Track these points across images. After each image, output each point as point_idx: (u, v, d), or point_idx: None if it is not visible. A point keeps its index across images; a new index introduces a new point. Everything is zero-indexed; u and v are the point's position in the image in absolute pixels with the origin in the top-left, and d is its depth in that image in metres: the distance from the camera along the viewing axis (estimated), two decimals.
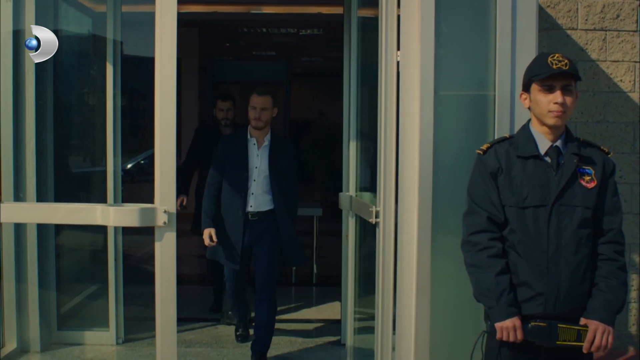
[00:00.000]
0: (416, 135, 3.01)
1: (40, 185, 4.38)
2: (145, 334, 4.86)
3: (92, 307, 5.04)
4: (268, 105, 4.26)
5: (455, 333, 2.97)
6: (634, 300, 4.89)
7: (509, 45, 3.01)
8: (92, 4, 5.12)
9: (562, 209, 2.41)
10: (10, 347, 4.27)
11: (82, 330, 4.79)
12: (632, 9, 4.78)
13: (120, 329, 4.76)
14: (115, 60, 4.80)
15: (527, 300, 2.41)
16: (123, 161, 5.19)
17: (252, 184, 4.27)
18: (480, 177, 2.53)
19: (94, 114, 5.00)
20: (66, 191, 4.90)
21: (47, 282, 4.59)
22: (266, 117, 4.27)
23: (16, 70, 4.18)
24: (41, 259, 4.47)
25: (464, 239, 2.54)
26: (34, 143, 4.27)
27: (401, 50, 3.01)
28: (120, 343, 4.75)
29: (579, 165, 2.46)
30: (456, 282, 2.86)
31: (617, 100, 4.85)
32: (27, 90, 4.28)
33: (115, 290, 4.69)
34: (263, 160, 4.29)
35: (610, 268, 2.44)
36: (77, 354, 4.58)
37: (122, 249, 4.84)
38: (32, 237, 4.35)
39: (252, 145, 4.33)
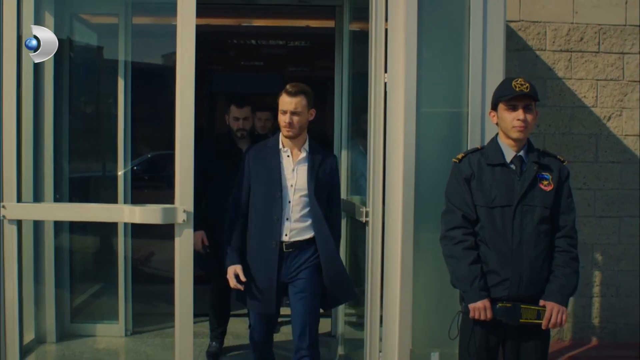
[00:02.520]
0: (400, 146, 3.37)
1: (57, 187, 4.69)
2: (150, 327, 5.19)
3: (102, 302, 5.32)
4: (301, 107, 3.38)
5: (434, 314, 3.35)
6: (596, 295, 5.29)
7: (480, 69, 3.39)
8: (103, 16, 5.37)
9: (524, 208, 2.84)
10: (29, 337, 4.56)
11: (93, 323, 5.09)
12: (594, 32, 5.20)
13: (128, 321, 5.07)
14: (126, 70, 5.06)
15: (495, 285, 2.84)
16: (115, 167, 5.48)
17: (287, 207, 3.39)
18: (456, 181, 2.95)
19: (106, 122, 5.28)
20: (78, 192, 5.22)
21: (61, 279, 4.89)
22: (300, 123, 3.39)
23: (36, 81, 4.42)
24: (57, 258, 4.78)
25: (442, 234, 2.95)
26: (52, 148, 4.56)
27: (388, 72, 3.39)
28: (128, 335, 5.06)
29: (538, 172, 2.88)
30: (435, 271, 3.23)
31: (581, 114, 5.25)
32: (46, 98, 4.53)
33: (124, 286, 5.01)
34: (300, 177, 3.42)
35: (565, 258, 2.87)
36: (89, 345, 4.89)
37: (131, 250, 5.17)
38: (50, 238, 4.67)
39: (285, 157, 3.45)
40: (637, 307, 5.37)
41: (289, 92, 3.38)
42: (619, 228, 5.33)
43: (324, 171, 3.47)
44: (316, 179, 3.41)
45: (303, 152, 3.45)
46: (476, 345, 2.90)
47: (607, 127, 5.30)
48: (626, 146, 5.33)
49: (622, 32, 5.26)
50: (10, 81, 3.29)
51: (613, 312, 5.37)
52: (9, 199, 3.27)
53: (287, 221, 3.37)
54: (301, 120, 3.38)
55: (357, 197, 4.41)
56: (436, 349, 3.42)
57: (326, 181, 3.47)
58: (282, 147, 3.45)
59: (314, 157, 3.46)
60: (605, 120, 5.29)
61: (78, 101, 5.23)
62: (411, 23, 3.29)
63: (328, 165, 3.50)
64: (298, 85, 3.42)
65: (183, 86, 3.32)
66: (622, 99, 5.30)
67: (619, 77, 5.30)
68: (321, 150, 3.55)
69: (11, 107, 3.29)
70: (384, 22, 3.41)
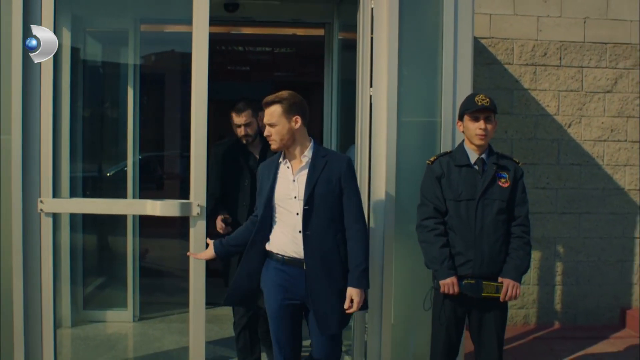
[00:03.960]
0: (383, 150, 3.78)
1: (72, 183, 5.03)
2: (155, 313, 5.59)
3: (112, 291, 5.73)
4: (276, 117, 3.11)
5: (411, 290, 3.75)
6: (558, 284, 5.76)
7: (451, 83, 3.81)
8: (113, 25, 5.69)
9: (485, 201, 3.33)
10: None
11: (104, 310, 5.48)
12: (556, 48, 5.68)
13: (136, 308, 5.46)
14: (135, 75, 5.41)
15: (461, 265, 3.32)
16: (106, 167, 5.81)
17: (295, 219, 3.13)
18: (429, 180, 3.44)
19: (115, 124, 5.66)
20: (91, 188, 5.63)
21: (75, 271, 5.27)
22: (280, 134, 3.12)
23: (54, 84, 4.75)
24: (72, 252, 5.12)
25: (417, 223, 3.44)
26: (68, 149, 4.84)
27: (373, 87, 3.81)
28: (136, 320, 5.44)
29: (497, 171, 3.37)
30: (412, 255, 3.63)
31: (544, 121, 5.72)
32: (63, 100, 4.80)
33: (132, 277, 5.42)
34: (301, 186, 3.13)
35: (519, 243, 3.37)
36: (101, 329, 5.29)
37: (139, 246, 5.58)
38: (66, 234, 5.02)
39: (285, 169, 3.20)
40: (594, 294, 5.82)
41: (263, 104, 3.19)
42: (578, 223, 5.78)
43: (328, 178, 3.11)
44: (313, 187, 3.09)
45: (304, 160, 3.16)
46: (446, 315, 3.39)
47: (567, 133, 5.75)
48: (585, 150, 5.78)
49: (581, 48, 5.73)
50: (47, 90, 3.67)
51: (573, 299, 5.81)
52: (45, 195, 3.68)
53: (299, 234, 3.11)
54: (280, 131, 3.11)
55: None
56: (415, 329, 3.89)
57: (331, 189, 3.12)
58: (283, 159, 3.22)
59: (316, 163, 3.14)
60: (566, 127, 5.75)
61: (91, 106, 5.61)
62: (392, 45, 3.74)
63: (335, 169, 3.14)
64: (274, 95, 3.17)
65: (197, 92, 3.67)
66: (581, 107, 5.75)
67: (578, 88, 5.74)
68: (327, 154, 3.21)
69: (48, 113, 3.68)
70: (370, 44, 3.83)
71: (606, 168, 5.83)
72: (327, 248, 3.12)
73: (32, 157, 3.69)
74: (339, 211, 3.17)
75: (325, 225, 3.12)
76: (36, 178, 3.70)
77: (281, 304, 3.19)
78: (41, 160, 3.70)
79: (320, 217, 3.11)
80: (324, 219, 3.12)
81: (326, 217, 3.12)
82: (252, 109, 4.08)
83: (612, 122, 5.82)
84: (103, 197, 5.85)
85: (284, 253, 3.17)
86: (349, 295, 3.11)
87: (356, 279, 3.11)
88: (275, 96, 3.16)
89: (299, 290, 3.15)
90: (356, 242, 3.15)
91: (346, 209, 3.16)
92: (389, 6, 3.78)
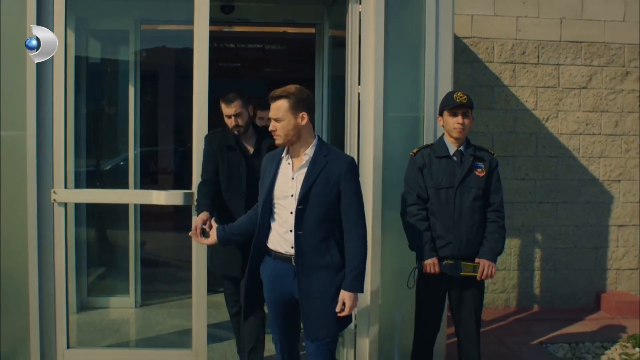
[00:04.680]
0: (371, 143, 4.03)
1: (77, 176, 5.29)
2: (155, 300, 5.85)
3: (114, 280, 6.01)
4: (282, 112, 3.01)
5: (397, 269, 3.99)
6: (537, 269, 6.08)
7: (433, 83, 4.09)
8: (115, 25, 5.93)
9: (463, 189, 3.63)
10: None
11: (107, 297, 5.76)
12: (534, 47, 5.99)
13: (138, 295, 5.73)
14: (136, 72, 5.67)
15: (441, 247, 3.62)
16: (103, 162, 6.05)
17: (289, 218, 3.05)
18: (412, 170, 3.74)
19: (117, 119, 5.93)
20: (92, 181, 5.89)
21: (80, 260, 5.52)
22: (285, 129, 3.02)
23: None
24: (77, 243, 5.35)
25: (402, 210, 3.74)
26: (73, 143, 5.10)
27: (361, 85, 4.08)
28: (138, 306, 5.71)
29: (474, 162, 3.66)
30: (397, 239, 3.87)
31: (523, 116, 6.02)
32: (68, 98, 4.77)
33: (134, 266, 5.69)
34: (300, 185, 3.04)
35: (495, 227, 3.68)
36: (105, 315, 5.56)
37: (140, 238, 5.85)
38: (71, 226, 5.05)
39: (286, 165, 3.12)
40: (571, 279, 6.14)
41: (270, 98, 3.06)
42: (555, 212, 6.09)
43: (327, 178, 3.02)
44: (310, 187, 3.00)
45: (305, 158, 3.06)
46: (427, 293, 3.71)
47: (545, 127, 6.06)
48: (561, 143, 6.09)
49: (558, 47, 6.04)
50: (59, 89, 3.94)
51: (551, 284, 6.13)
52: (57, 186, 3.95)
53: (299, 234, 3.02)
54: (286, 127, 3.01)
55: None
56: (400, 307, 4.14)
57: (329, 190, 3.01)
58: (286, 154, 3.14)
59: (316, 161, 3.04)
60: (544, 121, 6.06)
61: (93, 102, 5.88)
62: (379, 46, 4.02)
63: (335, 170, 3.03)
64: (281, 89, 3.07)
65: (199, 87, 3.93)
66: (558, 103, 6.06)
67: (555, 84, 6.05)
68: (330, 153, 3.09)
69: (60, 110, 3.95)
70: (358, 45, 4.11)
71: (582, 160, 6.14)
72: (318, 249, 3.01)
73: (45, 150, 3.95)
74: (335, 212, 3.05)
75: (318, 226, 3.01)
76: (49, 170, 3.96)
77: (273, 294, 3.17)
78: (54, 154, 3.96)
79: (313, 218, 3.00)
80: (317, 220, 3.01)
81: (320, 218, 3.01)
82: (242, 99, 4.00)
83: (587, 116, 6.12)
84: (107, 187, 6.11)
85: (276, 249, 3.11)
86: (342, 298, 3.02)
87: (350, 282, 3.02)
88: (283, 90, 3.05)
89: (289, 286, 3.08)
90: (354, 246, 3.04)
91: (345, 212, 3.04)
92: (376, 10, 4.05)
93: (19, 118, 3.97)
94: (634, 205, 6.24)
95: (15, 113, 3.98)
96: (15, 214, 4.03)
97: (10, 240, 4.06)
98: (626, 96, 6.18)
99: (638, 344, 5.09)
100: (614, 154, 6.19)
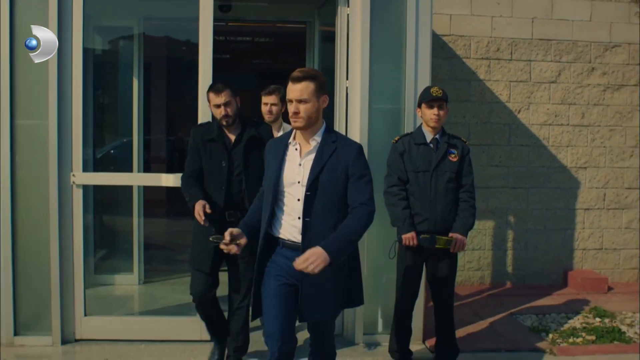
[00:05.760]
0: (357, 132, 4.46)
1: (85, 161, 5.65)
2: (157, 278, 6.25)
3: (119, 258, 6.39)
4: (308, 93, 2.92)
5: (381, 241, 4.42)
6: (510, 249, 6.53)
7: (413, 78, 4.52)
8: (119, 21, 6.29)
9: (438, 173, 4.08)
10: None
11: (113, 274, 6.16)
12: (508, 44, 6.41)
13: (141, 273, 6.13)
14: (140, 65, 6.07)
15: (419, 223, 4.08)
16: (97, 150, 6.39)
17: (297, 205, 2.98)
18: (394, 155, 4.18)
19: (122, 108, 6.30)
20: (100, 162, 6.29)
21: (88, 240, 5.64)
22: (308, 112, 2.93)
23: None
24: (85, 225, 5.57)
25: (384, 190, 4.17)
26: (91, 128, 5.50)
27: (349, 80, 4.53)
28: (141, 283, 6.11)
29: (448, 149, 4.11)
30: (380, 216, 4.05)
31: (497, 108, 6.43)
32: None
33: (138, 244, 6.09)
34: (307, 171, 2.97)
35: (466, 205, 4.13)
36: (110, 291, 5.96)
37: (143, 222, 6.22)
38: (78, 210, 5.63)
39: (293, 151, 3.04)
40: (540, 258, 6.60)
41: (293, 79, 2.93)
42: (526, 196, 6.53)
43: (334, 165, 2.96)
44: (318, 173, 2.93)
45: (312, 143, 2.99)
46: (407, 263, 4.17)
47: (517, 118, 6.49)
48: (532, 133, 6.52)
49: (529, 44, 6.47)
50: (77, 83, 4.37)
51: (522, 262, 6.58)
52: (76, 170, 4.40)
53: (306, 222, 2.94)
54: (309, 109, 2.91)
55: None
56: (383, 275, 4.62)
57: (337, 176, 2.95)
58: (293, 140, 3.06)
59: (324, 147, 2.98)
60: (516, 112, 6.48)
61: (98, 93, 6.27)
62: (365, 45, 4.48)
63: (343, 156, 2.97)
64: (304, 70, 2.97)
65: (203, 80, 4.33)
66: (529, 96, 6.49)
67: (526, 79, 6.47)
68: (338, 139, 3.04)
69: (78, 100, 4.38)
70: (346, 44, 4.56)
71: (551, 149, 6.59)
72: (326, 236, 2.88)
73: (65, 137, 4.39)
74: (342, 198, 3.00)
75: (326, 212, 2.94)
76: (69, 155, 4.41)
77: (276, 283, 3.03)
78: (73, 140, 4.40)
79: (321, 204, 2.94)
80: (326, 206, 2.95)
81: (328, 204, 2.95)
82: (230, 89, 3.96)
83: (556, 108, 6.57)
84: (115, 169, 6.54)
85: (285, 237, 3.02)
86: (309, 251, 2.81)
87: (327, 242, 2.84)
88: (309, 72, 2.98)
89: (295, 273, 2.92)
90: (351, 219, 2.95)
91: (352, 194, 2.98)
92: (362, 12, 4.51)
93: (39, 109, 4.40)
94: (598, 191, 6.70)
95: (36, 104, 4.41)
96: (35, 192, 4.45)
97: (30, 217, 4.48)
98: (592, 90, 6.63)
99: (598, 315, 5.60)
100: (580, 143, 6.63)
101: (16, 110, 4.38)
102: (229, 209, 3.94)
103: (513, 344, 4.89)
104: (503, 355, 4.71)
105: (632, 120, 6.73)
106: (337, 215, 2.99)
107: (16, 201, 4.42)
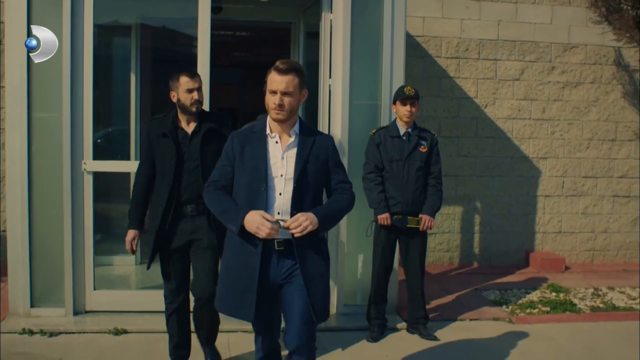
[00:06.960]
0: (339, 126, 4.91)
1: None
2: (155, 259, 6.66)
3: (118, 240, 6.68)
4: (293, 86, 2.85)
5: (359, 221, 4.88)
6: (477, 232, 7.02)
7: (389, 76, 4.97)
8: (120, 17, 6.62)
9: (409, 162, 4.59)
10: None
11: (112, 256, 6.55)
12: (475, 45, 6.90)
13: (138, 254, 6.26)
14: (137, 58, 6.46)
15: (393, 205, 4.60)
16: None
17: (277, 200, 2.89)
18: (371, 146, 4.69)
19: (122, 99, 6.67)
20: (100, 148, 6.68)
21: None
22: (292, 105, 2.87)
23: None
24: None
25: (363, 176, 4.68)
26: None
27: (332, 78, 4.99)
28: (138, 264, 6.49)
29: (418, 140, 4.64)
30: (359, 199, 4.24)
31: (466, 103, 6.89)
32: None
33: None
34: (290, 164, 2.91)
35: (434, 190, 4.66)
36: (110, 271, 6.35)
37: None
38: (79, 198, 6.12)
39: (273, 144, 2.95)
40: (505, 241, 7.10)
41: (279, 70, 2.84)
42: (492, 184, 7.01)
43: (317, 156, 2.96)
44: (305, 165, 2.91)
45: (292, 136, 2.95)
46: (382, 240, 4.70)
47: (484, 112, 6.95)
48: (497, 126, 7.00)
49: (495, 45, 6.95)
50: (88, 78, 4.79)
51: (488, 244, 7.08)
52: (87, 157, 4.84)
53: (279, 215, 2.86)
54: (292, 102, 2.86)
55: None
56: (361, 252, 5.10)
57: (320, 168, 2.96)
58: (270, 132, 2.96)
59: (305, 140, 2.95)
60: (483, 107, 6.95)
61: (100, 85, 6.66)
62: (346, 47, 4.95)
63: (323, 148, 2.99)
64: (290, 62, 2.90)
65: (201, 74, 4.56)
66: (495, 92, 6.97)
67: (492, 77, 6.94)
68: (314, 132, 3.05)
69: (89, 93, 4.79)
70: (329, 46, 5.02)
71: (514, 140, 7.07)
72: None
73: (76, 128, 4.81)
74: (322, 191, 3.04)
75: (311, 205, 2.91)
76: (80, 145, 4.84)
77: (259, 283, 2.91)
78: (84, 131, 4.83)
79: (308, 197, 2.92)
80: (311, 199, 2.93)
81: (313, 196, 2.94)
82: (199, 75, 3.89)
83: (519, 104, 7.05)
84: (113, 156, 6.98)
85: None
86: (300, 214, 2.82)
87: (317, 209, 2.88)
88: (294, 64, 2.93)
89: (276, 272, 2.93)
90: (340, 197, 3.03)
91: (334, 180, 3.04)
92: (344, 17, 4.97)
93: (53, 103, 4.82)
94: (557, 179, 7.23)
95: (50, 99, 4.84)
96: (49, 178, 4.87)
97: (44, 201, 4.91)
98: (552, 87, 7.14)
99: (555, 290, 6.21)
100: (541, 135, 7.13)
101: (32, 104, 4.81)
102: (190, 202, 3.78)
103: (477, 314, 5.46)
104: (467, 324, 5.26)
105: (589, 115, 7.24)
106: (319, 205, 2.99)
107: (32, 187, 4.85)
